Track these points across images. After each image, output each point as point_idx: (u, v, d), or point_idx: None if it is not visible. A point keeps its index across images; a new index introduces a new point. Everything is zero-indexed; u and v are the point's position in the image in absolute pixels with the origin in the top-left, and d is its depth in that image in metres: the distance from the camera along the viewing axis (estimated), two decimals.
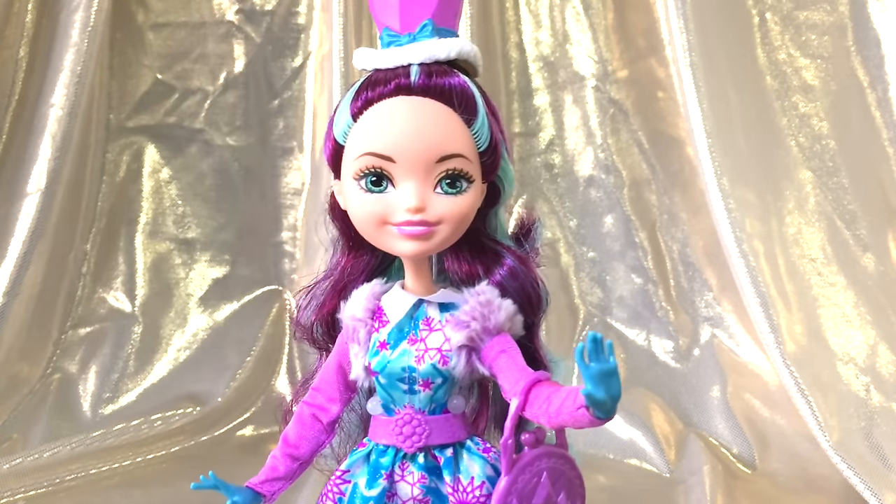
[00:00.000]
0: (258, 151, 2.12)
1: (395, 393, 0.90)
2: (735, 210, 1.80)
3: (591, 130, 2.06)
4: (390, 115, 0.86)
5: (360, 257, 0.96)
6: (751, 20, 1.98)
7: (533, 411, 0.82)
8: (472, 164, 0.88)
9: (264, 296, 2.10)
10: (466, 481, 0.90)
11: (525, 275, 0.92)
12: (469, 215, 0.89)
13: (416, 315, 0.91)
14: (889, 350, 1.79)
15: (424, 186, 0.86)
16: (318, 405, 0.96)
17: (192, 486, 0.92)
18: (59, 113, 1.88)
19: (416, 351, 0.89)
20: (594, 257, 2.06)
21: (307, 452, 0.97)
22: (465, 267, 0.93)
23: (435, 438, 0.90)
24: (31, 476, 1.60)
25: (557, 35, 2.07)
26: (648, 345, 2.00)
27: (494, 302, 0.89)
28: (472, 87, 0.89)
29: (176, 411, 1.87)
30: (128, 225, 2.10)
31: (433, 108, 0.86)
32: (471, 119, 0.87)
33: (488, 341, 0.88)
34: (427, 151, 0.86)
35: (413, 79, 0.86)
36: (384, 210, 0.87)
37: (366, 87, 0.88)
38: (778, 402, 1.82)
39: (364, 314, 0.92)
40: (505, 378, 0.87)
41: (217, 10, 2.09)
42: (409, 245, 0.88)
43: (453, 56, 0.89)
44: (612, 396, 0.74)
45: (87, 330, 2.03)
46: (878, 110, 1.92)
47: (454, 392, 0.91)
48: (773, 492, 1.64)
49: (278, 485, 0.96)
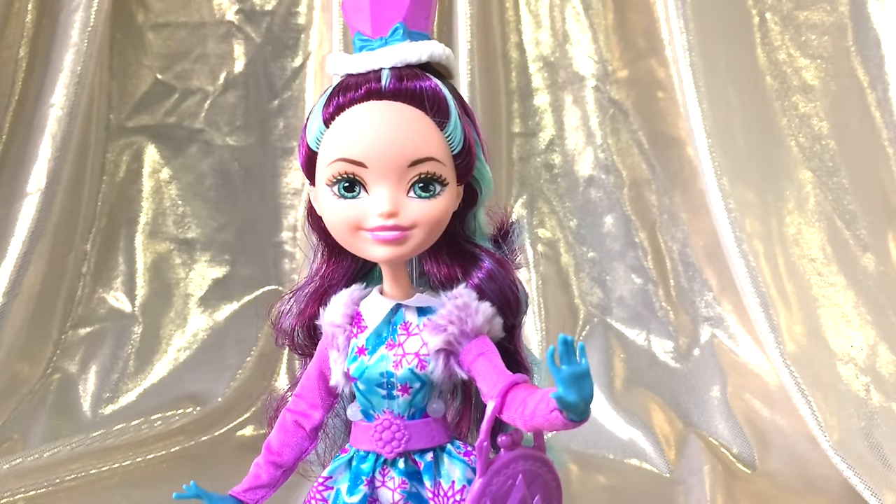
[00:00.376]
0: (258, 151, 2.12)
1: (373, 398, 0.90)
2: (735, 210, 1.80)
3: (591, 130, 2.06)
4: (361, 121, 0.86)
5: (340, 263, 0.96)
6: (751, 20, 1.98)
7: (510, 414, 0.82)
8: (446, 167, 0.87)
9: (264, 296, 2.10)
10: (447, 485, 0.89)
11: (503, 277, 0.92)
12: (443, 219, 0.89)
13: (394, 320, 0.91)
14: (889, 350, 1.79)
15: (397, 191, 0.86)
16: (300, 412, 0.96)
17: (175, 496, 0.92)
18: (59, 113, 1.88)
19: (394, 356, 0.89)
20: (594, 257, 2.06)
21: (290, 459, 0.97)
22: (444, 269, 0.92)
23: (415, 443, 0.90)
24: (31, 476, 1.61)
25: (557, 35, 2.07)
26: (648, 345, 2.00)
27: (472, 305, 0.89)
28: (444, 89, 0.88)
29: (176, 411, 1.87)
30: (128, 225, 2.10)
31: (404, 112, 0.86)
32: (443, 122, 0.87)
33: (466, 344, 0.88)
34: (399, 156, 0.85)
35: (384, 83, 0.86)
36: (357, 216, 0.87)
37: (337, 93, 0.87)
38: (778, 402, 1.82)
39: (343, 320, 0.92)
40: (483, 381, 0.87)
41: (217, 10, 2.09)
42: (383, 250, 0.88)
43: (425, 59, 0.88)
44: (584, 399, 0.73)
45: (87, 330, 2.03)
46: (878, 110, 1.92)
47: (433, 396, 0.91)
48: (773, 492, 1.64)
49: (261, 493, 0.96)
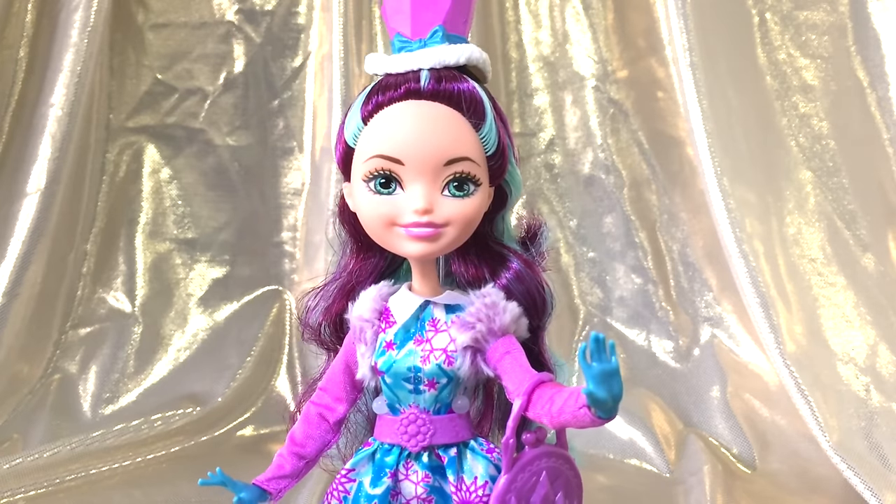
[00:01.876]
0: (258, 151, 2.12)
1: (400, 392, 0.92)
2: (735, 210, 1.80)
3: (591, 130, 2.07)
4: (400, 119, 0.88)
5: (369, 259, 0.97)
6: (751, 20, 1.98)
7: (535, 411, 0.83)
8: (480, 168, 0.89)
9: (264, 296, 2.10)
10: (469, 481, 0.91)
11: (531, 278, 0.94)
12: (476, 218, 0.90)
13: (423, 316, 0.92)
14: (889, 350, 1.79)
15: (432, 189, 0.88)
16: (324, 405, 0.97)
17: (200, 483, 0.93)
18: (59, 113, 1.88)
19: (422, 351, 0.91)
20: (594, 257, 2.06)
21: (313, 451, 0.97)
22: (472, 270, 0.94)
23: (439, 438, 0.92)
24: (31, 476, 1.60)
25: (557, 35, 2.07)
26: (648, 345, 2.00)
27: (500, 304, 0.90)
28: (481, 92, 0.90)
29: (176, 411, 1.87)
30: (128, 225, 2.10)
31: (442, 112, 0.88)
32: (479, 123, 0.89)
33: (493, 343, 0.89)
34: (435, 154, 0.87)
35: (423, 83, 0.88)
36: (392, 211, 0.88)
37: (376, 91, 0.89)
38: (778, 402, 1.82)
39: (371, 315, 0.93)
40: (509, 379, 0.88)
41: (217, 10, 2.09)
42: (415, 246, 0.89)
43: (463, 62, 0.90)
44: (613, 396, 0.75)
45: (87, 330, 2.03)
46: (878, 110, 1.92)
47: (459, 392, 0.92)
48: (773, 492, 1.64)
49: (284, 483, 0.97)
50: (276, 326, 2.08)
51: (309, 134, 2.11)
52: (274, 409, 1.94)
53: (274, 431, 1.87)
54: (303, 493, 1.48)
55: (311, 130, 2.10)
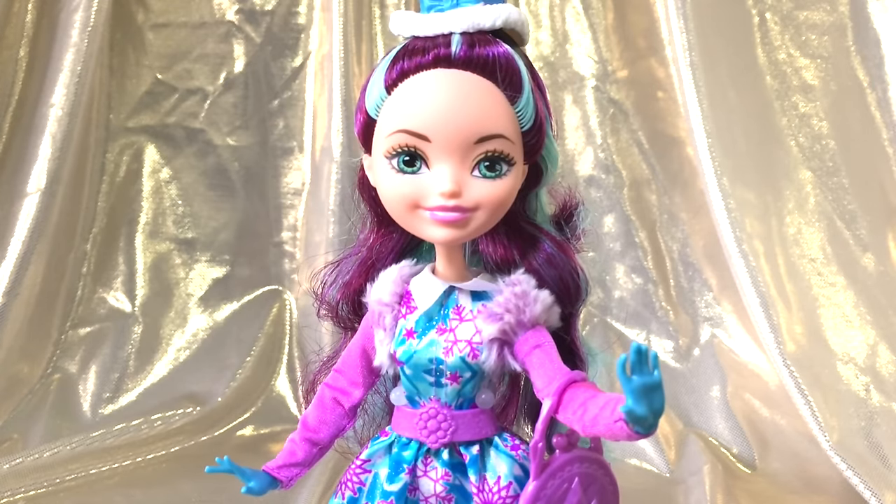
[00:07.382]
0: (258, 151, 2.12)
1: (420, 385, 0.85)
2: (735, 210, 1.80)
3: (591, 130, 2.06)
4: (427, 90, 0.79)
5: (390, 235, 0.90)
6: (751, 20, 1.98)
7: (566, 415, 0.77)
8: (514, 146, 0.81)
9: (264, 296, 2.10)
10: (493, 481, 0.85)
11: (564, 263, 0.87)
12: (508, 201, 0.83)
13: (447, 303, 0.85)
14: (889, 350, 1.79)
15: (461, 169, 0.80)
16: (339, 388, 0.91)
17: (207, 470, 0.87)
18: (59, 113, 1.88)
19: (445, 342, 0.84)
20: (594, 257, 2.06)
21: (327, 437, 0.91)
22: (501, 251, 0.86)
23: (461, 435, 0.85)
24: (31, 476, 1.60)
25: (557, 35, 2.07)
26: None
27: (530, 293, 0.83)
28: (518, 59, 0.82)
29: (176, 411, 1.87)
30: (128, 225, 2.10)
31: (474, 84, 0.79)
32: (515, 96, 0.81)
33: (522, 335, 0.83)
34: (465, 131, 0.79)
35: (454, 49, 0.79)
36: (416, 193, 0.81)
37: (402, 57, 0.81)
38: (778, 402, 1.82)
39: (391, 299, 0.86)
40: (538, 375, 0.82)
41: (217, 10, 2.09)
42: (441, 231, 0.82)
43: (499, 25, 0.82)
44: (654, 412, 0.68)
45: (87, 330, 2.03)
46: (878, 110, 1.92)
47: (483, 386, 0.86)
48: (773, 492, 1.64)
49: (296, 470, 0.91)
50: (276, 326, 2.07)
51: (309, 134, 2.11)
52: (274, 409, 1.94)
53: (274, 431, 1.87)
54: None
55: (311, 130, 2.10)
